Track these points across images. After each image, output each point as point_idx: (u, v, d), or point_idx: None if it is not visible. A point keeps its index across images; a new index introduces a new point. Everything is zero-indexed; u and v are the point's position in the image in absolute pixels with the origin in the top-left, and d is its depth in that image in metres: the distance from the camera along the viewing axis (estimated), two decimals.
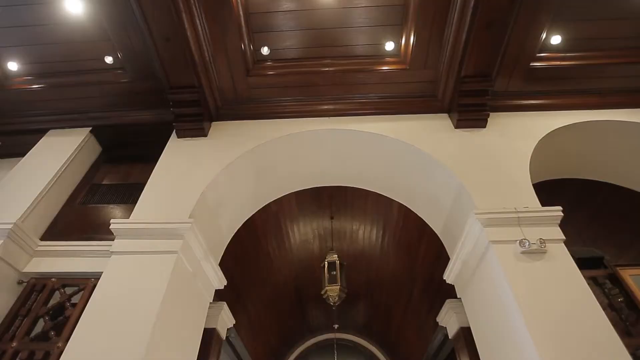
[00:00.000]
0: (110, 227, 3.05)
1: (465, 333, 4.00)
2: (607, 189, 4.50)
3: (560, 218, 2.91)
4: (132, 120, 4.35)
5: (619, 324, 2.69)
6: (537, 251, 2.69)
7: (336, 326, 7.29)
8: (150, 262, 2.82)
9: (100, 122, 4.39)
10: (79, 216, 3.83)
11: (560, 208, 2.93)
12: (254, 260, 5.34)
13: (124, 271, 2.81)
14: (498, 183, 3.28)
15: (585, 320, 2.38)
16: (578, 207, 4.72)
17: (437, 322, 4.82)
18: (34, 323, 3.02)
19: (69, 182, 4.05)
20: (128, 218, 3.21)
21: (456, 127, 3.86)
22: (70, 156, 4.05)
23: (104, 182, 4.28)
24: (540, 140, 3.68)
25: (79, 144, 4.21)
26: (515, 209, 2.94)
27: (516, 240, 2.74)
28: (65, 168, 3.97)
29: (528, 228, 2.85)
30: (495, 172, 3.38)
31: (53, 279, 3.26)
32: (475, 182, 3.27)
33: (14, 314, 3.05)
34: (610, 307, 2.85)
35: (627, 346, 2.31)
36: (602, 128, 3.89)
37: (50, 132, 4.40)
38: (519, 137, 3.70)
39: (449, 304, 4.29)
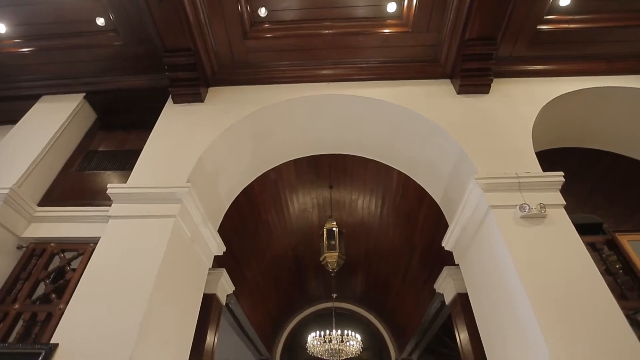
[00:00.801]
0: (108, 191, 3.03)
1: (462, 299, 4.06)
2: (609, 158, 4.46)
3: (561, 183, 2.89)
4: (126, 86, 4.24)
5: (615, 288, 2.72)
6: (536, 216, 2.68)
7: (335, 295, 7.42)
8: (148, 226, 2.81)
9: (93, 88, 4.29)
10: (76, 183, 3.80)
11: (561, 173, 2.90)
12: (253, 229, 5.36)
13: (122, 235, 2.81)
14: (499, 149, 3.23)
15: (583, 284, 2.39)
16: (579, 177, 4.69)
17: (435, 290, 4.91)
18: (35, 286, 3.04)
19: (64, 148, 3.99)
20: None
21: (458, 92, 3.77)
22: (64, 122, 3.98)
23: (100, 149, 4.23)
24: (545, 106, 3.61)
25: (73, 110, 4.13)
26: (516, 174, 2.91)
27: (516, 205, 2.72)
28: (60, 134, 3.91)
29: (528, 193, 2.83)
30: (497, 138, 3.33)
31: (52, 244, 3.28)
32: (477, 148, 3.23)
33: (14, 277, 3.08)
34: (606, 272, 2.87)
35: (622, 308, 2.33)
36: (608, 95, 3.80)
37: (43, 98, 4.30)
38: (522, 102, 3.62)
39: (446, 270, 4.34)
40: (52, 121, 3.97)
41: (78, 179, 3.85)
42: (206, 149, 3.38)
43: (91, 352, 2.19)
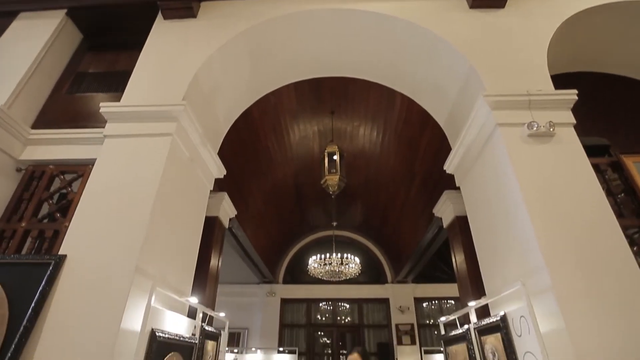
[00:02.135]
0: (101, 110, 2.92)
1: (460, 221, 4.15)
2: (623, 83, 4.26)
3: (573, 102, 2.76)
4: (111, 0, 3.90)
5: (613, 207, 2.74)
6: (544, 134, 2.60)
7: (335, 224, 7.65)
8: (145, 145, 2.75)
9: (75, 3, 3.95)
10: (68, 105, 3.67)
11: (574, 91, 2.76)
12: (253, 154, 5.32)
13: (119, 154, 2.76)
14: (511, 66, 3.04)
15: (586, 202, 2.38)
16: (590, 101, 4.52)
17: (433, 214, 5.01)
18: (39, 207, 3.08)
19: (52, 69, 3.79)
20: None
21: (471, 7, 3.47)
22: (48, 41, 3.73)
23: (89, 71, 4.02)
24: (564, 22, 3.33)
25: (56, 28, 3.85)
26: (527, 91, 2.77)
27: (524, 124, 2.63)
28: (45, 54, 3.68)
29: (538, 112, 2.72)
30: (510, 54, 3.12)
31: (51, 166, 3.25)
32: (487, 65, 3.04)
33: (17, 198, 3.09)
34: (607, 193, 2.87)
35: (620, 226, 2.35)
36: (635, 11, 3.49)
37: (21, 15, 3.98)
38: (540, 17, 3.34)
39: (446, 194, 4.38)
40: (35, 40, 3.71)
41: (70, 102, 3.72)
42: (201, 66, 3.19)
43: (98, 263, 2.26)
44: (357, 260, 6.93)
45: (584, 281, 2.10)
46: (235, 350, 8.25)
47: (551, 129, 2.58)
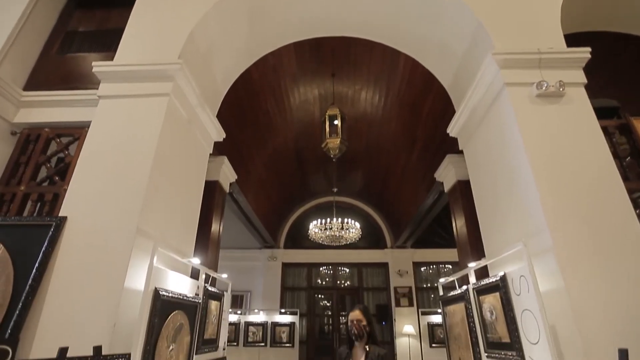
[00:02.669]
0: (94, 70, 2.81)
1: (462, 185, 4.14)
2: (637, 43, 4.10)
3: (586, 60, 2.65)
4: None
5: (619, 170, 2.70)
6: (554, 94, 2.52)
7: (335, 189, 7.64)
8: (141, 106, 2.67)
9: None
10: (59, 66, 3.55)
11: (588, 49, 2.65)
12: (253, 118, 5.22)
13: (114, 115, 2.69)
14: (522, 23, 2.90)
15: (593, 165, 2.34)
16: (601, 63, 4.37)
17: (434, 179, 4.99)
18: (37, 170, 3.04)
19: (39, 28, 3.64)
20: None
21: None
22: None
23: (79, 30, 3.86)
24: None
25: None
26: (538, 49, 2.65)
27: (533, 83, 2.54)
28: (31, 12, 3.52)
29: (548, 71, 2.62)
30: (520, 10, 2.97)
31: (46, 129, 3.19)
32: (496, 21, 2.89)
33: (14, 162, 3.05)
34: (614, 156, 2.82)
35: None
36: None
37: None
38: None
39: (448, 158, 4.33)
40: None
41: (61, 63, 3.60)
42: (197, 23, 3.04)
43: (99, 224, 2.25)
44: (358, 225, 6.98)
45: (586, 242, 2.10)
46: (239, 312, 8.52)
47: (561, 89, 2.49)
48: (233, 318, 8.12)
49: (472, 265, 2.95)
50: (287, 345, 8.02)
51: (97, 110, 2.73)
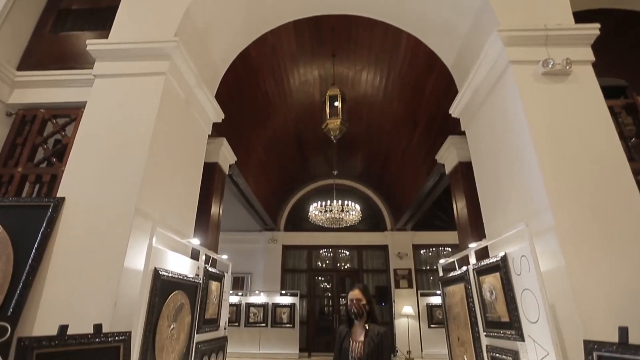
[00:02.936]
0: (88, 48, 2.74)
1: (463, 167, 4.11)
2: None
3: (594, 37, 2.58)
4: None
5: (625, 151, 2.66)
6: (560, 72, 2.46)
7: (335, 172, 7.62)
8: (137, 85, 2.62)
9: None
10: (53, 45, 3.48)
11: (597, 25, 2.56)
12: (252, 99, 5.14)
13: (111, 94, 2.64)
14: None
15: (598, 145, 2.29)
16: (609, 41, 4.28)
17: (435, 162, 4.95)
18: (34, 152, 3.01)
19: (30, 6, 3.55)
20: None
21: None
22: None
23: (72, 8, 3.75)
24: None
25: None
26: (545, 26, 2.57)
27: (539, 61, 2.47)
28: None
29: (555, 48, 2.54)
30: None
31: (42, 110, 3.14)
32: None
33: (11, 143, 3.02)
34: (619, 136, 2.78)
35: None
36: None
37: None
38: None
39: (450, 139, 4.29)
40: None
41: (55, 42, 3.52)
42: (193, 0, 2.95)
43: (98, 204, 2.24)
44: (358, 207, 6.99)
45: (588, 222, 2.08)
46: (240, 293, 8.63)
47: (567, 67, 2.43)
48: (234, 299, 8.23)
49: (473, 245, 2.95)
50: (288, 325, 8.16)
51: (92, 90, 2.68)
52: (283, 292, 8.97)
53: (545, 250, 2.11)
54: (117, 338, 1.60)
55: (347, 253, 10.21)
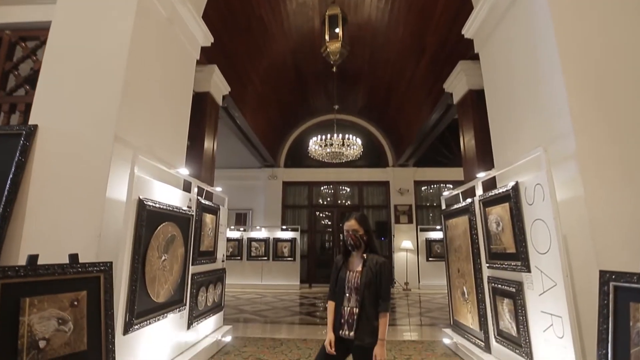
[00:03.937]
0: None
1: (473, 95, 3.82)
2: None
3: None
4: None
5: None
6: None
7: (336, 106, 7.27)
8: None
9: None
10: None
11: None
12: (245, 25, 4.67)
13: (77, 10, 2.31)
14: None
15: (633, 64, 2.02)
16: None
17: (441, 93, 4.64)
18: (5, 79, 2.75)
19: None
20: None
21: None
22: None
23: None
24: None
25: None
26: None
27: None
28: None
29: None
30: None
31: (7, 32, 2.81)
32: None
33: None
34: None
35: None
36: None
37: None
38: None
39: (461, 64, 3.94)
40: None
41: None
42: None
43: (73, 132, 2.04)
44: (359, 141, 6.76)
45: (612, 148, 1.89)
46: (242, 229, 8.76)
47: None
48: (236, 234, 8.39)
49: (482, 175, 2.79)
50: (289, 259, 8.39)
51: (56, 6, 2.34)
52: (284, 227, 9.10)
53: (564, 178, 1.94)
54: (97, 268, 1.50)
55: (348, 189, 10.19)
